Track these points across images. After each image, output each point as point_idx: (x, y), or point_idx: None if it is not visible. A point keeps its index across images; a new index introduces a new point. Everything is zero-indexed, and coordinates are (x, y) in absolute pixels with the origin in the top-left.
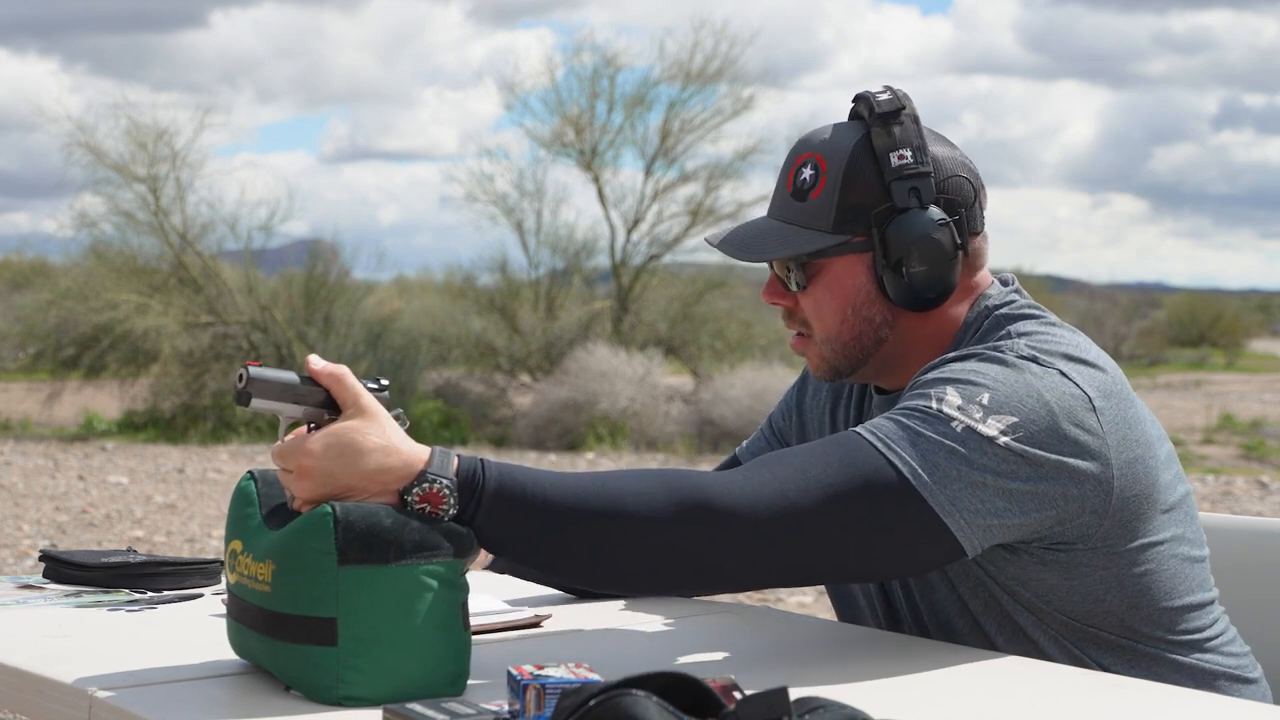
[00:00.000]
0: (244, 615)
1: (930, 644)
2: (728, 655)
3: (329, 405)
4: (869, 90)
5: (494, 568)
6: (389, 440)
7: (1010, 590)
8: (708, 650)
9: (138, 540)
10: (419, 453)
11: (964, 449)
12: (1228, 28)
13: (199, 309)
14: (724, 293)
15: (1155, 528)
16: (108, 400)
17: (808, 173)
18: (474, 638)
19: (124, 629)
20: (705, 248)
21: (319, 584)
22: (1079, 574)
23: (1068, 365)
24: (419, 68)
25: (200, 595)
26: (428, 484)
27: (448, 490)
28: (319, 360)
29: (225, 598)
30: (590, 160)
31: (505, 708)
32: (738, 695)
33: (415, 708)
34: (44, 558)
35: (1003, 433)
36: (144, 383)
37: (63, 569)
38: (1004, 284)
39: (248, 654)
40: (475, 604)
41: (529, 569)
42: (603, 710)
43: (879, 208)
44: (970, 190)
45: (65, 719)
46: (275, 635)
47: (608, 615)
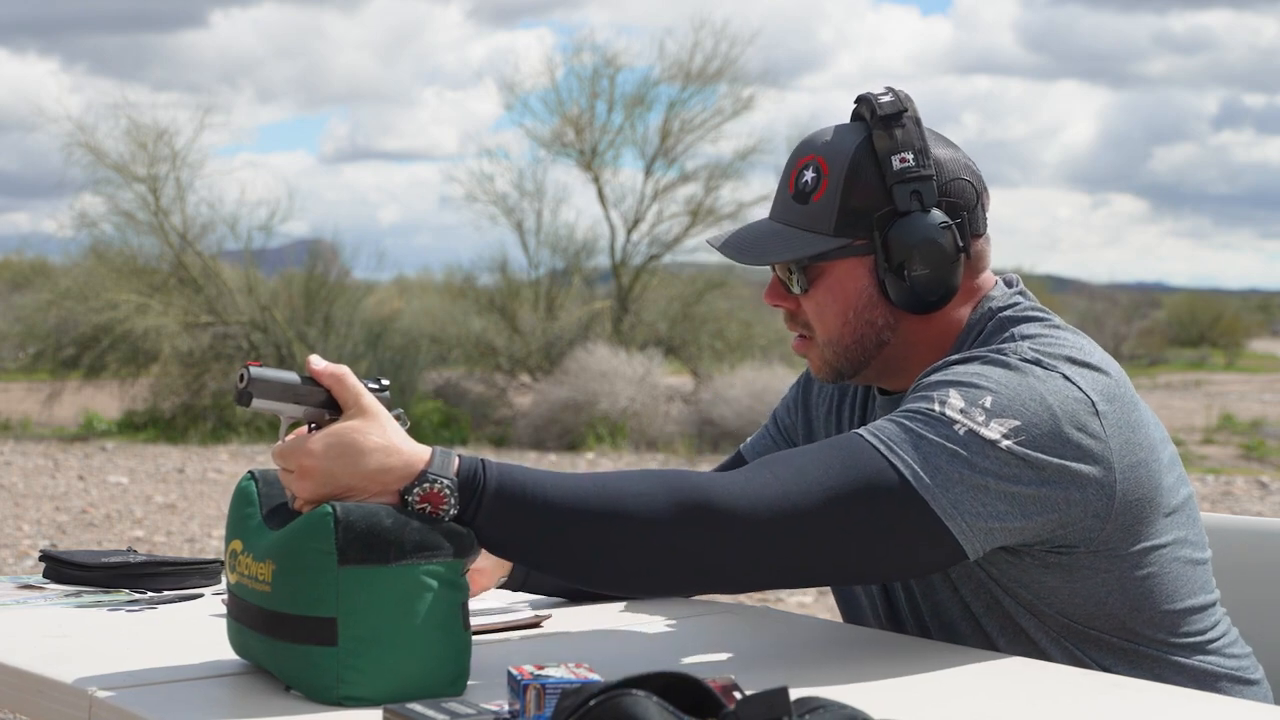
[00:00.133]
0: (244, 615)
1: (930, 644)
2: (728, 655)
3: (330, 405)
4: (871, 92)
5: (508, 586)
6: (390, 440)
7: (1012, 592)
8: (708, 650)
9: (138, 540)
10: (420, 453)
11: (966, 452)
12: (1228, 28)
13: (199, 309)
14: (724, 293)
15: (1158, 531)
16: (108, 400)
17: (809, 175)
18: (474, 638)
19: (124, 629)
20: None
21: (319, 584)
22: (1081, 577)
23: (1071, 369)
24: (419, 68)
25: (200, 595)
26: (428, 484)
27: (448, 490)
28: (320, 360)
29: (225, 598)
30: (590, 160)
31: (505, 708)
32: (738, 695)
33: (415, 708)
34: (44, 558)
35: (1005, 436)
36: (144, 383)
37: (63, 569)
38: (1008, 284)
39: (248, 654)
40: (475, 604)
41: (538, 574)
42: (603, 710)
43: (881, 211)
44: (972, 192)
45: (65, 719)
46: (275, 635)
47: (608, 615)
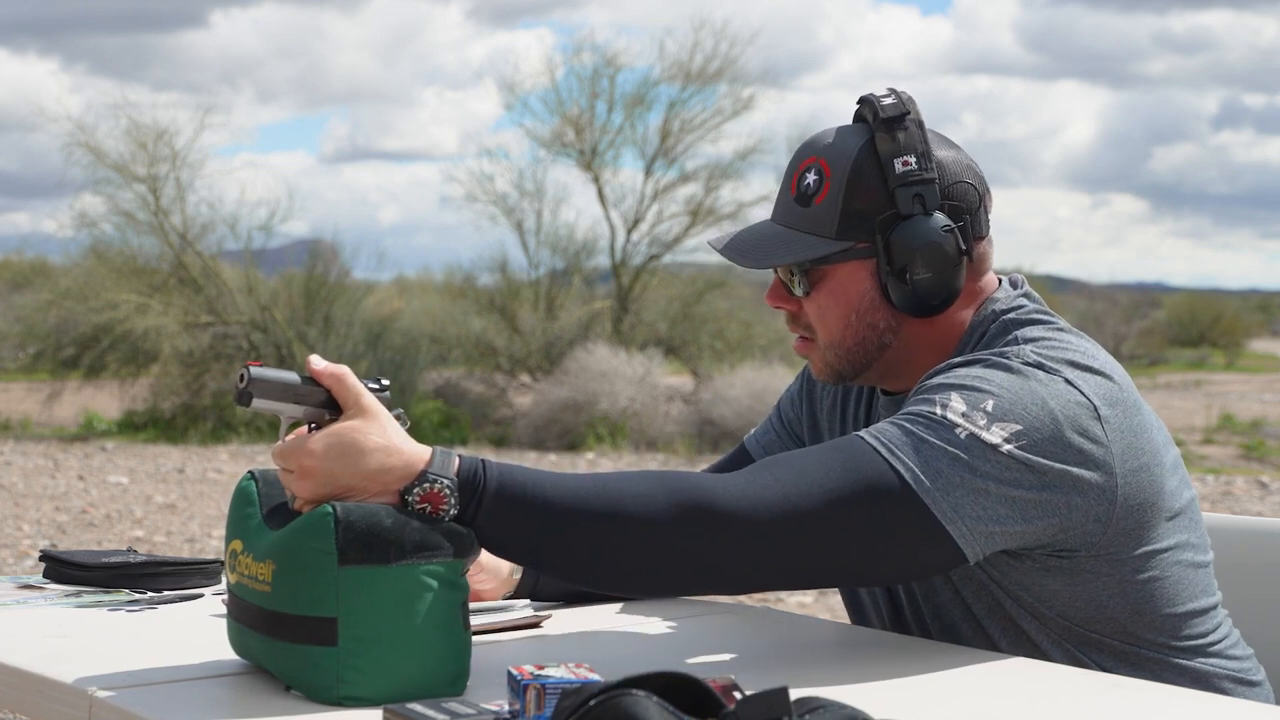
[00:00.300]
0: (244, 615)
1: (930, 644)
2: (728, 655)
3: (330, 405)
4: (873, 94)
5: (515, 597)
6: (390, 440)
7: (1014, 595)
8: (708, 650)
9: (138, 540)
10: (420, 453)
11: (967, 456)
12: (1228, 28)
13: (199, 309)
14: (724, 293)
15: (1159, 535)
16: (108, 400)
17: (811, 178)
18: (474, 638)
19: (124, 629)
20: (705, 248)
21: (319, 584)
22: (1082, 580)
23: (1074, 373)
24: (419, 68)
25: (200, 595)
26: (429, 484)
27: (448, 490)
28: (320, 360)
29: (225, 598)
30: (590, 160)
31: (505, 708)
32: (738, 695)
33: (415, 708)
34: (44, 558)
35: (1006, 440)
36: (144, 383)
37: (63, 569)
38: (1013, 285)
39: (248, 654)
40: (475, 604)
41: (545, 584)
42: (603, 710)
43: (883, 214)
44: (975, 195)
45: (65, 719)
46: (275, 635)
47: (608, 615)
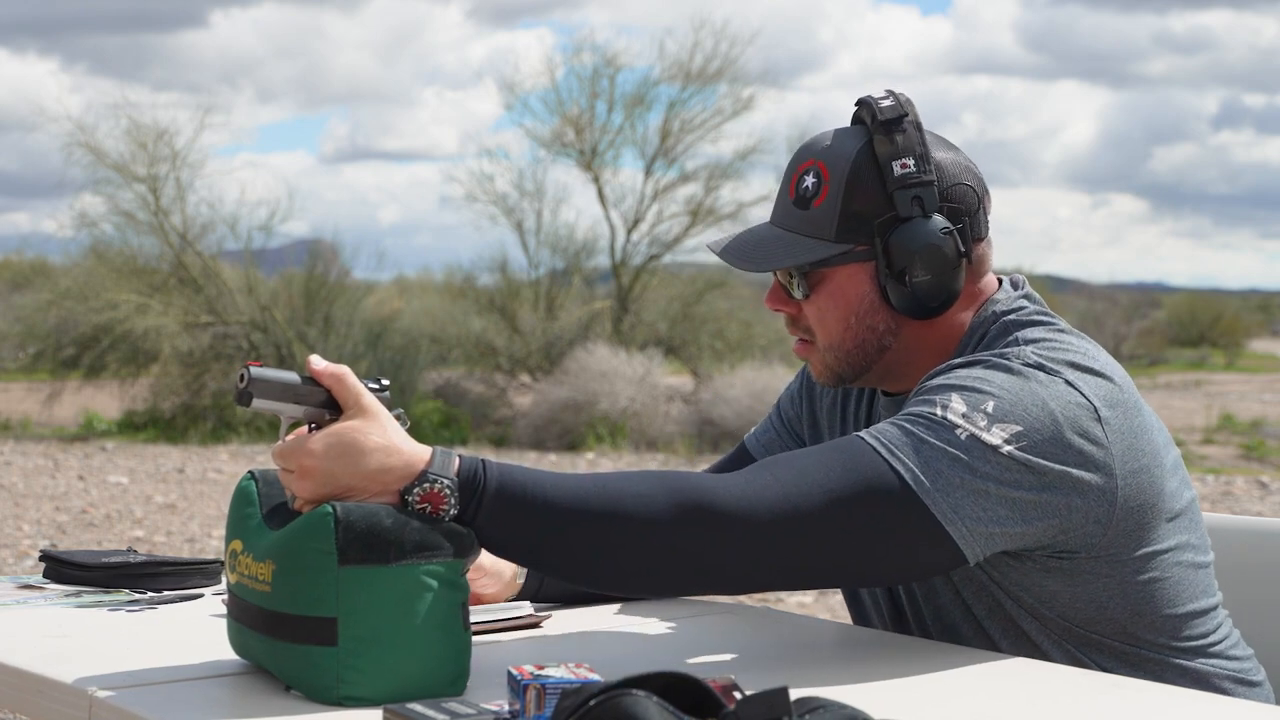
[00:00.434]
0: (244, 615)
1: (930, 644)
2: (728, 655)
3: (330, 405)
4: (871, 95)
5: (540, 598)
6: (390, 440)
7: (1014, 595)
8: (708, 650)
9: (138, 540)
10: (420, 453)
11: (967, 457)
12: (1228, 28)
13: (199, 309)
14: (724, 293)
15: (1160, 536)
16: (108, 400)
17: (810, 180)
18: (474, 638)
19: (124, 629)
20: (705, 248)
21: (319, 584)
22: (1082, 581)
23: (1074, 374)
24: (419, 68)
25: (200, 595)
26: (429, 484)
27: (449, 490)
28: (320, 360)
29: (225, 598)
30: (590, 160)
31: (505, 708)
32: (738, 695)
33: (415, 708)
34: (44, 558)
35: (1006, 441)
36: (144, 383)
37: (63, 569)
38: (1014, 286)
39: (248, 654)
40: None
41: (548, 586)
42: (603, 710)
43: (882, 217)
44: (974, 197)
45: (65, 719)
46: (275, 635)
47: (608, 615)
